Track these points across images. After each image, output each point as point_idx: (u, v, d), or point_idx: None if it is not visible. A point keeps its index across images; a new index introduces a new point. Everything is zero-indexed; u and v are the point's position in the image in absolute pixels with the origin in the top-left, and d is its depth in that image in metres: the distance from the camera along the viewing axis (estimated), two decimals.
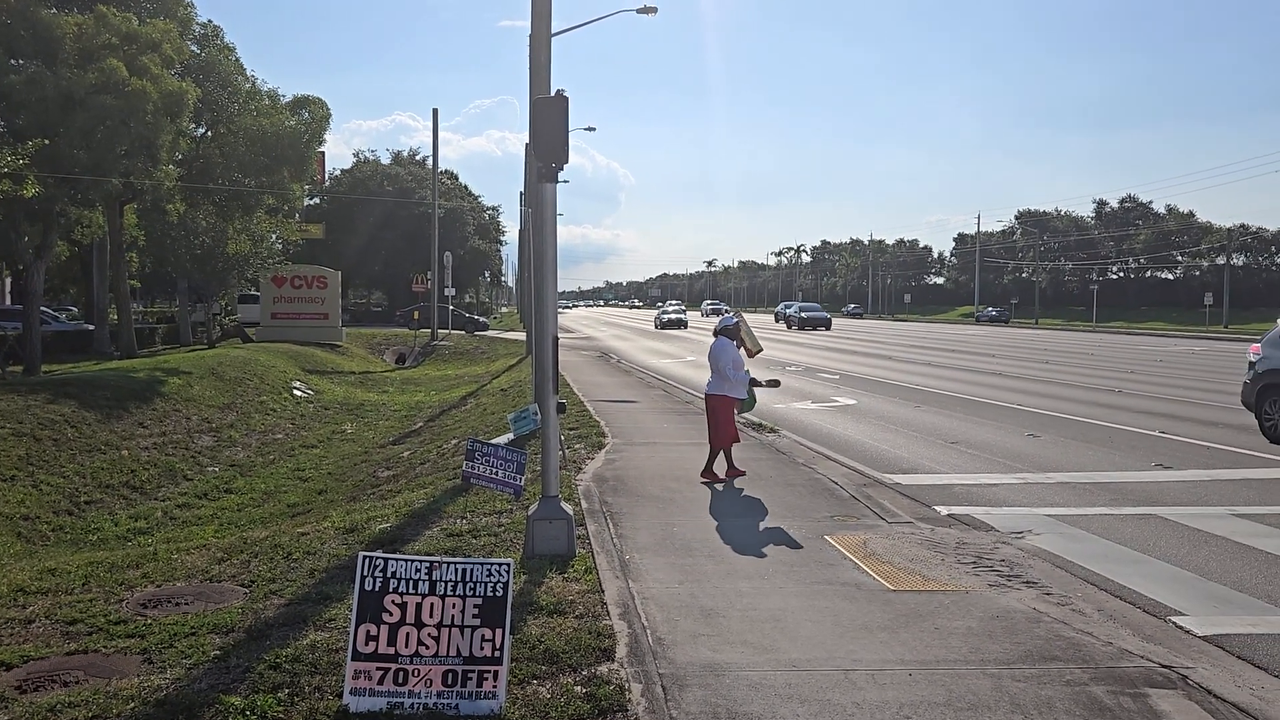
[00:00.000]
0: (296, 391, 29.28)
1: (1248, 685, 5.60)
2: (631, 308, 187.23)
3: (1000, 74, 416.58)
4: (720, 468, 11.56)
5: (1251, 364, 15.49)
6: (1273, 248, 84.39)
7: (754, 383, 11.93)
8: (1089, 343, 49.03)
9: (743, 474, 11.51)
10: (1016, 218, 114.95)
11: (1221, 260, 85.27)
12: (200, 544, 10.43)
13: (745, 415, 13.48)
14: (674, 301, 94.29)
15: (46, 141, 22.15)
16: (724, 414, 11.45)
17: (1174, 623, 6.71)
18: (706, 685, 5.43)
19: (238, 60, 31.21)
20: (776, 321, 78.68)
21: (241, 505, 16.94)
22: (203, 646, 6.10)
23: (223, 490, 18.24)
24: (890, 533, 9.01)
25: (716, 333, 11.79)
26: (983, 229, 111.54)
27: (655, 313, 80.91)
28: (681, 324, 67.88)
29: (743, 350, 11.71)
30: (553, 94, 8.10)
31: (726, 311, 13.87)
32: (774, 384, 14.81)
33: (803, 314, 68.88)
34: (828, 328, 65.50)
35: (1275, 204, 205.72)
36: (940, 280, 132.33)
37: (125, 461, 18.46)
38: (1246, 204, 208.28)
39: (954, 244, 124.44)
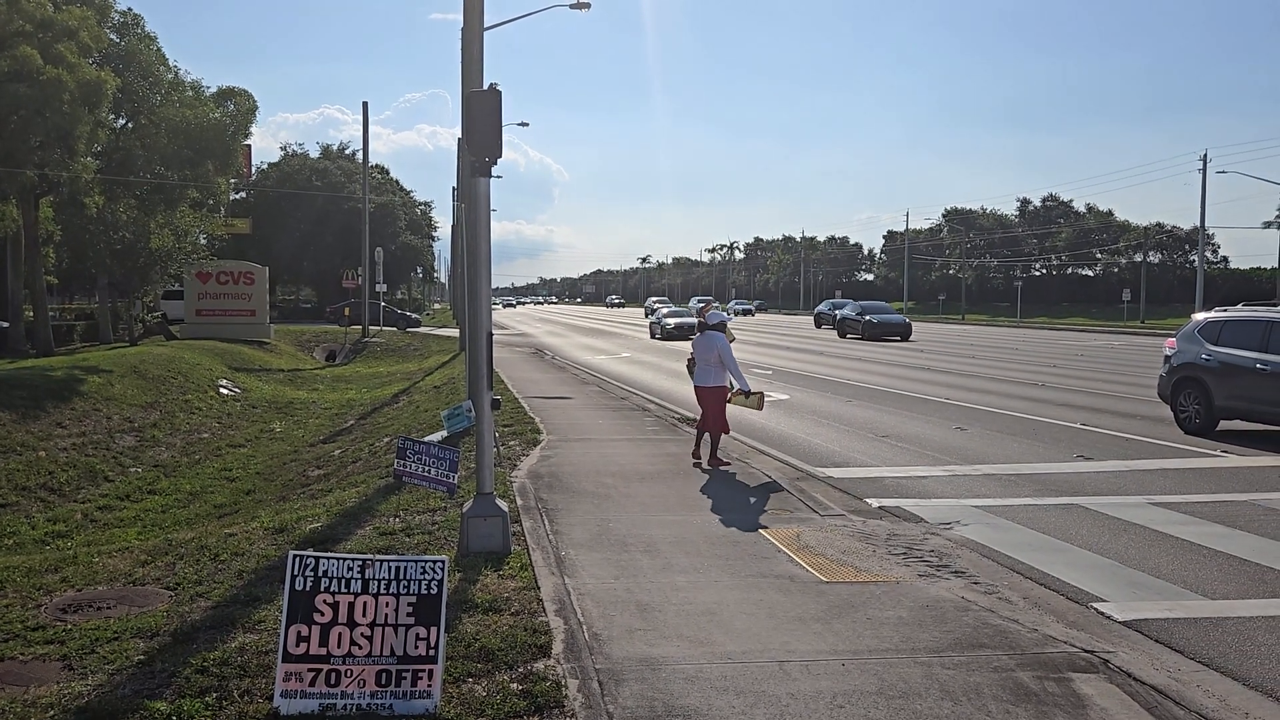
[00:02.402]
0: (223, 390, 28.63)
1: (1165, 668, 5.80)
2: (611, 306, 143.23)
3: (924, 74, 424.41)
4: (705, 453, 12.11)
5: (1167, 358, 16.01)
6: (1186, 246, 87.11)
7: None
8: (1013, 338, 50.19)
9: (728, 464, 11.99)
10: (944, 215, 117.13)
11: (1139, 258, 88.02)
12: (123, 546, 10.14)
13: (682, 411, 13.56)
14: (659, 298, 65.53)
15: None
16: (718, 404, 11.98)
17: (1096, 609, 6.91)
18: (643, 679, 5.45)
19: (159, 50, 30.42)
20: (819, 327, 56.19)
21: (166, 506, 16.51)
22: (126, 651, 5.93)
23: (146, 491, 17.76)
24: (823, 525, 9.13)
25: (709, 327, 12.21)
26: (911, 227, 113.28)
27: (650, 319, 52.41)
28: (694, 330, 44.51)
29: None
30: (485, 88, 8.02)
31: (722, 307, 13.86)
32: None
33: (869, 317, 45.09)
34: (905, 337, 43.82)
35: (1189, 203, 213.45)
36: (870, 277, 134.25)
37: (42, 463, 17.86)
38: (1161, 203, 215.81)
39: (883, 241, 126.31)
